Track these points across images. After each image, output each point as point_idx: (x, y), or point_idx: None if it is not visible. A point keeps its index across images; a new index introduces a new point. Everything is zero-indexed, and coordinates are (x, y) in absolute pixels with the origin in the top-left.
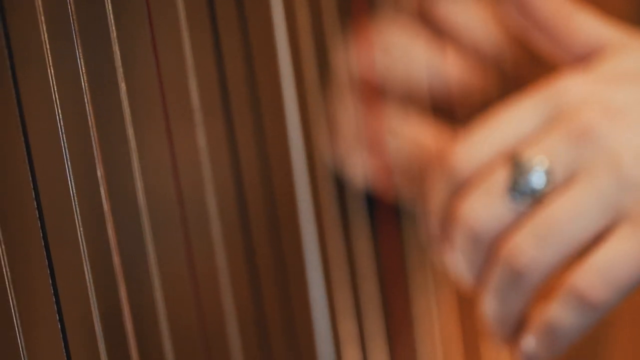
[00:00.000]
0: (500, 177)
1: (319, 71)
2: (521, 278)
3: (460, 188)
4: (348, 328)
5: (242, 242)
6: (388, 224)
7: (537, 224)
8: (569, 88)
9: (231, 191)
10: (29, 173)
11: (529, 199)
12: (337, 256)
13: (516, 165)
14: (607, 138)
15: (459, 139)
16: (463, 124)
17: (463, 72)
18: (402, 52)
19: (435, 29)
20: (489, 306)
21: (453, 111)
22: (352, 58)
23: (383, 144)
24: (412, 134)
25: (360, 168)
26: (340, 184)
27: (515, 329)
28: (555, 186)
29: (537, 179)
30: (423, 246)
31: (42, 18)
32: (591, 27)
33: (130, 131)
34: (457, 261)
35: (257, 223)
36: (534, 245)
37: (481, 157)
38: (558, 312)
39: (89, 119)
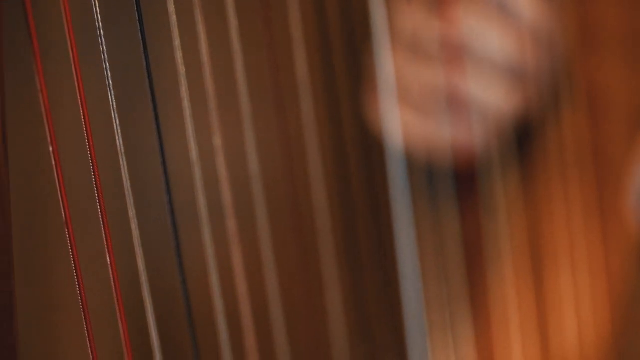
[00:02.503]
0: None
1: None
2: None
3: None
4: (435, 293)
5: (342, 213)
6: (469, 199)
7: None
8: None
9: (333, 170)
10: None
11: None
12: (426, 231)
13: None
14: None
15: None
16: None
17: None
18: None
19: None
20: None
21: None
22: (438, 26)
23: (465, 109)
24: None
25: (444, 136)
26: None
27: None
28: None
29: None
30: (499, 220)
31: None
32: None
33: (246, 109)
34: None
35: (358, 199)
36: None
37: None
38: None
39: (209, 98)
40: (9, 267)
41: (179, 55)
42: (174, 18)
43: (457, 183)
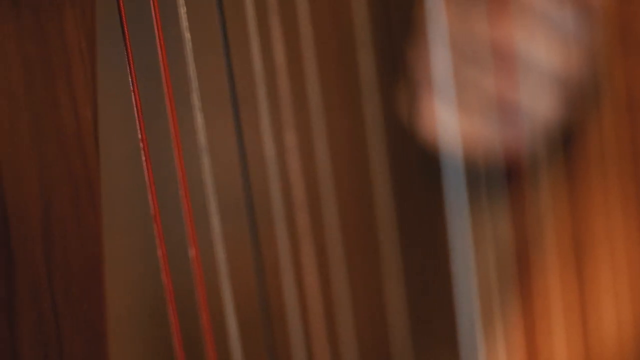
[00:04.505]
0: None
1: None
2: None
3: None
4: (486, 284)
5: (400, 208)
6: (517, 197)
7: None
8: None
9: (392, 169)
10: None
11: None
12: (478, 226)
13: None
14: None
15: None
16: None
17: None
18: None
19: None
20: None
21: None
22: (490, 34)
23: (514, 112)
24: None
25: (495, 137)
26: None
27: None
28: None
29: None
30: (545, 216)
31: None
32: None
33: (316, 110)
34: None
35: (416, 195)
36: None
37: None
38: None
39: (283, 99)
40: (100, 259)
41: (257, 58)
42: (253, 23)
43: (506, 181)
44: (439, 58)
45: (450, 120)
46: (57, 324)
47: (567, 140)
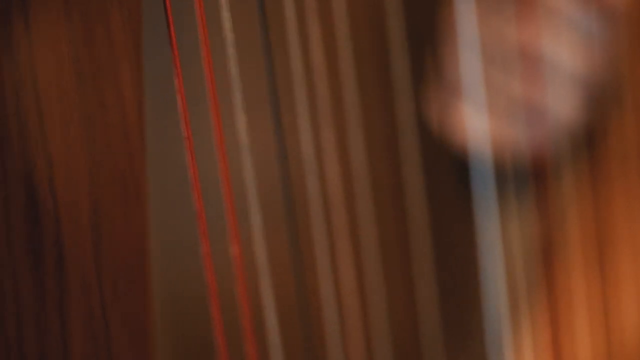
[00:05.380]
0: None
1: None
2: None
3: None
4: (513, 282)
5: (430, 208)
6: (542, 196)
7: None
8: None
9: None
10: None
11: None
12: (505, 224)
13: None
14: None
15: None
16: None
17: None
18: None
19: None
20: None
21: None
22: (519, 33)
23: (542, 114)
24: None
25: (521, 139)
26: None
27: None
28: None
29: None
30: (569, 215)
31: None
32: None
33: (352, 104)
34: None
35: (445, 194)
36: None
37: None
38: None
39: (320, 100)
40: (146, 256)
41: (296, 60)
42: (292, 26)
43: (532, 181)
44: (468, 61)
45: (478, 122)
46: (105, 318)
47: (591, 141)
